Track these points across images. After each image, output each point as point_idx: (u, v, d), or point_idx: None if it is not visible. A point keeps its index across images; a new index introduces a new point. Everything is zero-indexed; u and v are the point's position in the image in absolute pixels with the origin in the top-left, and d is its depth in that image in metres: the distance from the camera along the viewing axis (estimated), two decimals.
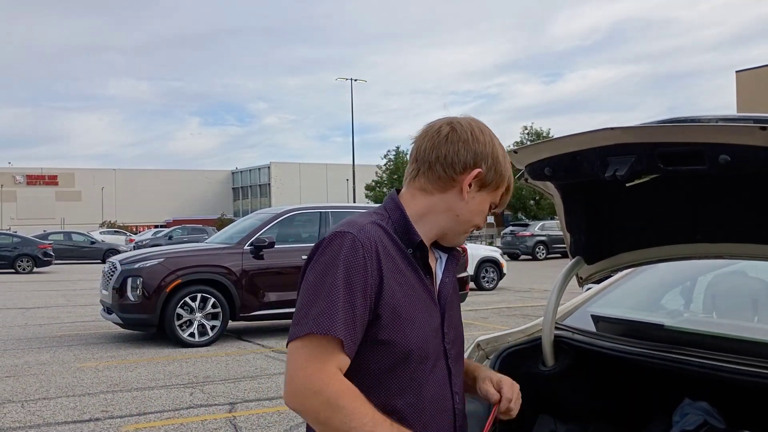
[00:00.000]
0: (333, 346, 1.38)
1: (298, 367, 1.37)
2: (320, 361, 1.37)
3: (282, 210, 10.44)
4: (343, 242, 1.42)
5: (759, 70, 39.14)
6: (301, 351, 1.38)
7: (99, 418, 5.60)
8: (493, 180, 1.55)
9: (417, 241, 1.51)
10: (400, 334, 1.44)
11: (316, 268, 1.43)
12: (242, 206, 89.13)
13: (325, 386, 1.35)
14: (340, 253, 1.41)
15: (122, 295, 8.95)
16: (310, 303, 1.40)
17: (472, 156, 1.52)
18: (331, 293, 1.39)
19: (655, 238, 2.30)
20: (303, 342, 1.38)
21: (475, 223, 1.59)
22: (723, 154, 1.63)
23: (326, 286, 1.39)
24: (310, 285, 1.43)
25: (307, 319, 1.39)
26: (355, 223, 1.48)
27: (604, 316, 2.67)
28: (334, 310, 1.38)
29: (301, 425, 5.31)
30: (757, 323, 2.57)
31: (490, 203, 1.58)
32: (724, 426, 2.31)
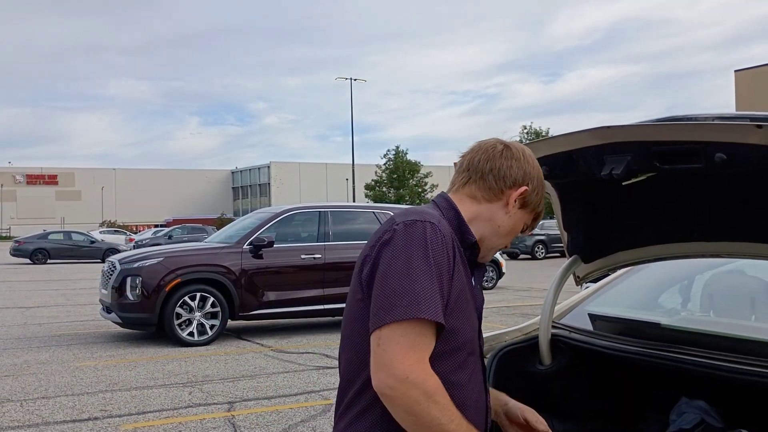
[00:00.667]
0: (430, 332, 1.42)
1: (398, 355, 1.38)
2: (420, 350, 1.40)
3: (281, 209, 10.44)
4: (426, 228, 1.46)
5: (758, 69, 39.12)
6: (401, 338, 1.39)
7: (98, 417, 5.60)
8: (533, 201, 1.66)
9: (471, 242, 1.60)
10: (460, 325, 1.51)
11: (400, 252, 1.44)
12: (242, 206, 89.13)
13: (426, 380, 1.39)
14: (425, 238, 1.45)
15: (121, 294, 8.95)
16: (403, 287, 1.41)
17: (522, 174, 1.63)
18: (423, 277, 1.41)
19: (652, 236, 2.30)
20: (402, 328, 1.39)
21: (507, 240, 1.68)
22: (719, 152, 1.63)
23: (417, 271, 1.42)
24: (398, 269, 1.43)
25: (403, 304, 1.39)
26: (428, 213, 1.53)
27: (601, 314, 2.67)
28: (430, 293, 1.41)
29: (300, 424, 5.31)
30: (755, 322, 2.57)
31: (524, 223, 1.68)
32: (721, 425, 2.31)
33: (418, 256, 1.43)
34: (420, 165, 58.76)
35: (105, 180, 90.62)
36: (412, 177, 57.84)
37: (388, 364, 1.38)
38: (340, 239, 10.11)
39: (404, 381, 1.38)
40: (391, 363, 1.38)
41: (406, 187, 56.78)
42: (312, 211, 10.43)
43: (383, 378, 1.39)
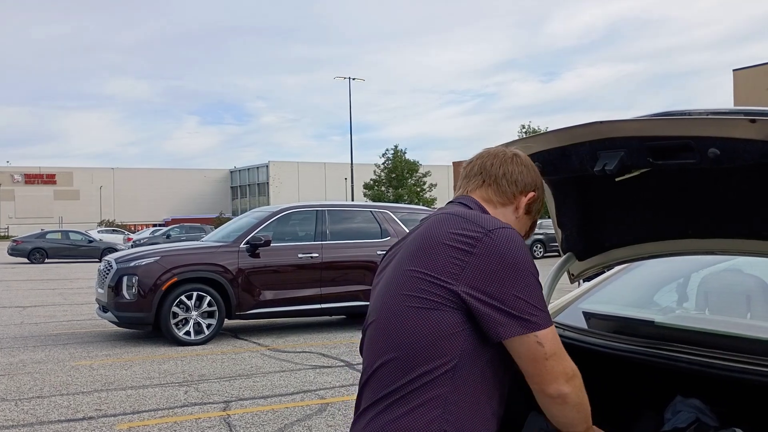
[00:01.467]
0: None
1: (565, 362, 1.54)
2: (563, 350, 1.55)
3: (278, 208, 10.42)
4: (519, 237, 1.59)
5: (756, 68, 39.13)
6: (558, 350, 1.53)
7: (93, 417, 5.57)
8: (536, 208, 1.77)
9: None
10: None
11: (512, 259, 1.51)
12: (241, 205, 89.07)
13: (578, 372, 1.57)
14: (524, 248, 1.56)
15: (118, 293, 8.92)
16: (532, 296, 1.52)
17: (531, 180, 1.75)
18: (539, 285, 1.55)
19: (647, 233, 2.28)
20: (554, 333, 1.54)
21: None
22: (712, 147, 1.61)
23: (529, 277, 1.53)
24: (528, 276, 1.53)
25: (537, 312, 1.52)
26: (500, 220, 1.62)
27: (595, 312, 2.65)
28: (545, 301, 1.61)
29: (295, 424, 5.29)
30: (750, 320, 2.55)
31: (524, 231, 1.78)
32: (716, 424, 2.29)
33: (529, 264, 1.55)
34: (419, 164, 58.75)
35: (103, 179, 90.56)
36: (410, 176, 57.82)
37: (564, 371, 1.54)
38: (337, 238, 10.09)
39: (575, 378, 1.55)
40: (565, 370, 1.54)
41: (404, 187, 56.76)
42: (309, 210, 10.40)
43: (563, 384, 1.54)
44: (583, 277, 2.56)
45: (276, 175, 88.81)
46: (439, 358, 1.49)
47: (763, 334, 2.23)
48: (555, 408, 1.56)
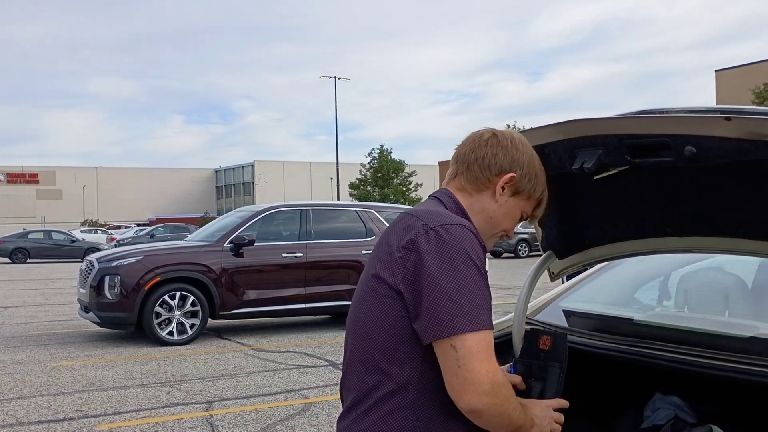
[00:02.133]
0: (491, 336, 1.43)
1: (482, 371, 1.39)
2: (492, 357, 1.41)
3: (262, 208, 10.38)
4: (468, 234, 1.47)
5: (738, 69, 39.54)
6: (478, 353, 1.39)
7: (73, 418, 5.52)
8: (525, 188, 1.63)
9: (482, 245, 1.55)
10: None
11: (451, 259, 1.43)
12: (226, 205, 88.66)
13: (501, 378, 1.42)
14: (469, 243, 1.45)
15: (100, 293, 8.85)
16: (461, 296, 1.40)
17: (509, 161, 1.61)
18: (474, 284, 1.42)
19: (626, 232, 2.28)
20: (475, 337, 1.39)
21: (503, 228, 1.67)
22: (689, 145, 1.62)
23: (474, 278, 1.42)
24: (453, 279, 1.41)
25: (467, 315, 1.40)
26: (451, 216, 1.52)
27: (575, 311, 2.66)
28: (483, 300, 1.43)
29: (278, 423, 5.27)
30: (728, 317, 2.57)
31: (521, 211, 1.67)
32: (694, 420, 2.30)
33: (467, 264, 1.43)
34: (404, 164, 58.75)
35: (86, 179, 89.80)
36: (396, 176, 57.80)
37: (476, 382, 1.39)
38: (322, 238, 10.07)
39: (492, 393, 1.39)
40: (478, 380, 1.39)
41: (390, 186, 56.75)
42: (293, 209, 10.37)
43: (474, 398, 1.39)
44: (563, 276, 2.56)
45: (261, 174, 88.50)
46: (402, 361, 1.47)
47: (740, 331, 2.24)
48: (472, 418, 1.44)
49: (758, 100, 31.58)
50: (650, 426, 2.34)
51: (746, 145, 1.57)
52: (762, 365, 1.87)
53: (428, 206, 1.62)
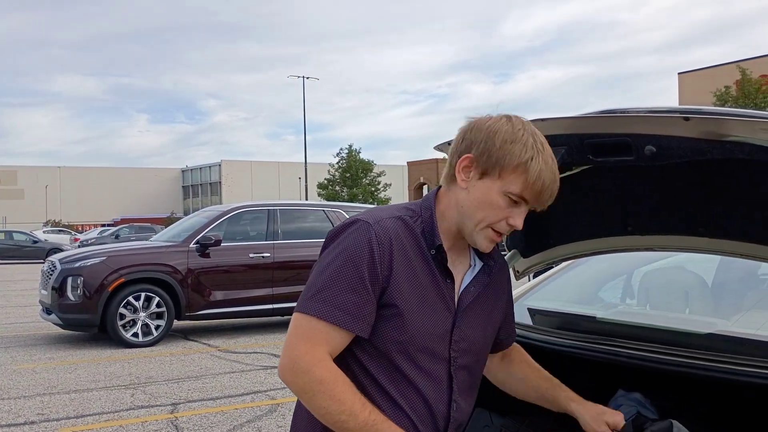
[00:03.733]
0: (329, 331, 1.44)
1: (292, 343, 1.45)
2: (312, 342, 1.43)
3: (229, 208, 10.29)
4: (359, 230, 1.47)
5: (701, 72, 40.32)
6: (297, 329, 1.46)
7: (34, 422, 5.41)
8: (488, 165, 1.46)
9: (437, 244, 1.53)
10: (396, 329, 1.48)
11: (331, 251, 1.49)
12: (193, 205, 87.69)
13: (312, 368, 1.42)
14: (354, 239, 1.46)
15: (62, 294, 8.68)
16: (319, 284, 1.46)
17: (466, 144, 1.51)
18: (335, 277, 1.44)
19: (589, 230, 2.31)
20: (300, 319, 1.46)
21: (480, 217, 1.49)
22: (649, 144, 1.64)
23: (332, 269, 1.46)
24: (322, 266, 1.48)
25: (312, 299, 1.45)
26: (377, 214, 1.52)
27: (539, 309, 2.68)
28: (334, 294, 1.43)
29: (245, 425, 5.23)
30: (689, 314, 2.61)
31: (505, 194, 1.47)
32: (656, 416, 2.34)
33: (337, 256, 1.47)
34: (373, 164, 58.74)
35: (49, 178, 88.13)
36: (365, 176, 57.76)
37: (285, 350, 1.46)
38: (289, 238, 10.01)
39: (294, 368, 1.44)
40: (286, 350, 1.46)
41: (359, 186, 56.69)
42: (261, 209, 10.29)
43: (281, 364, 1.47)
44: (528, 274, 2.58)
45: (229, 174, 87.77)
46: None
47: (699, 328, 2.29)
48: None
49: (719, 102, 32.22)
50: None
51: (704, 145, 1.59)
52: (719, 361, 1.90)
53: (397, 204, 1.65)
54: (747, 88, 32.22)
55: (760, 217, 1.86)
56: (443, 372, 1.55)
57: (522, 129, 1.48)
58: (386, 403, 1.50)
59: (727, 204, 1.92)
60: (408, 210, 1.56)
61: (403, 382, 1.50)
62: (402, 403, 1.50)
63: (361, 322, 1.45)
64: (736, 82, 33.00)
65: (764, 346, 2.10)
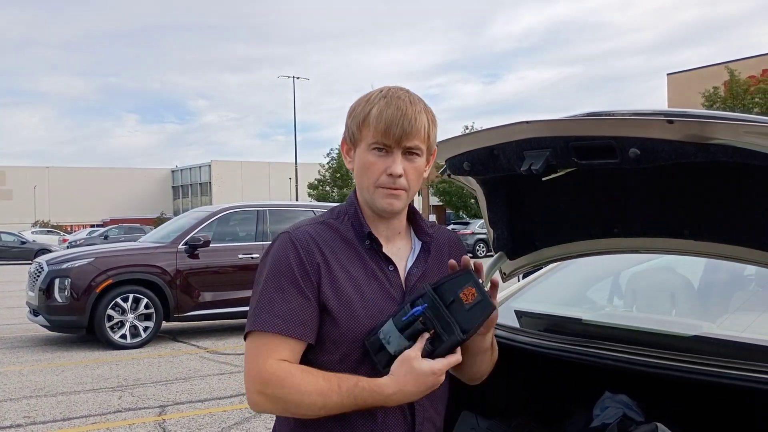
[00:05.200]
0: (274, 341, 1.46)
1: (247, 369, 1.48)
2: (263, 356, 1.46)
3: (218, 208, 10.25)
4: (281, 241, 1.54)
5: (689, 72, 40.51)
6: (249, 352, 1.49)
7: (21, 425, 5.37)
8: (352, 135, 1.58)
9: (366, 232, 1.58)
10: (342, 324, 1.49)
11: (261, 269, 1.55)
12: (182, 205, 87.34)
13: (269, 376, 1.44)
14: (277, 251, 1.52)
15: (49, 296, 8.62)
16: (255, 301, 1.51)
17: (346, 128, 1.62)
18: (266, 290, 1.49)
19: (575, 232, 2.30)
20: (251, 340, 1.49)
21: (366, 182, 1.55)
22: (633, 147, 1.64)
23: (263, 283, 1.51)
24: (256, 285, 1.54)
25: (250, 317, 1.50)
26: (299, 224, 1.58)
27: (526, 311, 2.68)
28: (269, 305, 1.47)
29: (233, 427, 5.21)
30: (675, 317, 2.62)
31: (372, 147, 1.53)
32: (642, 419, 2.34)
33: (264, 271, 1.53)
34: None
35: (37, 179, 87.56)
36: None
37: (245, 380, 1.49)
38: None
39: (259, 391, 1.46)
40: (245, 378, 1.49)
41: (349, 187, 56.64)
42: (250, 210, 10.26)
43: (247, 395, 1.50)
44: (515, 276, 2.58)
45: (219, 174, 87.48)
46: None
47: (684, 330, 2.29)
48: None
49: (708, 103, 32.38)
50: (599, 425, 2.37)
51: (689, 148, 1.59)
52: (703, 364, 1.90)
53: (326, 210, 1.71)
54: (735, 89, 32.38)
55: (744, 219, 1.86)
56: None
57: (370, 92, 1.60)
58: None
59: (711, 207, 1.92)
60: (332, 213, 1.63)
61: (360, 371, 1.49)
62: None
63: (303, 326, 1.48)
64: (724, 83, 33.17)
65: (748, 348, 2.11)
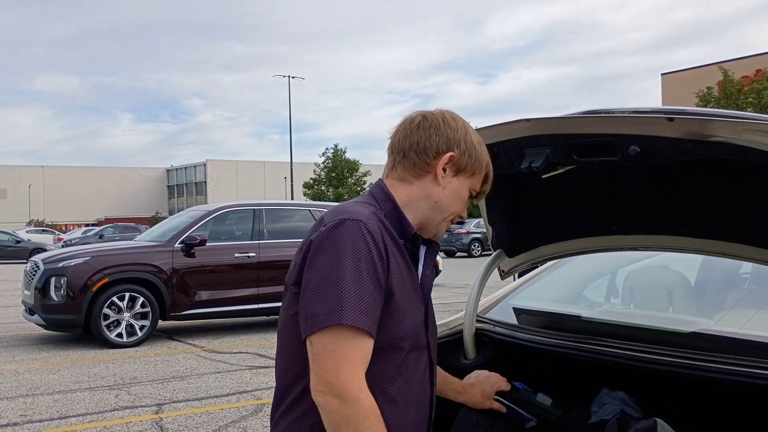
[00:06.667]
0: (359, 340, 1.37)
1: (333, 370, 1.35)
2: (352, 363, 1.36)
3: (214, 207, 10.25)
4: (356, 229, 1.40)
5: (683, 72, 40.65)
6: (332, 352, 1.35)
7: (17, 423, 5.36)
8: (468, 165, 1.56)
9: (411, 233, 1.54)
10: (396, 324, 1.46)
11: (326, 256, 1.39)
12: (178, 204, 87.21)
13: (359, 398, 1.35)
14: (353, 240, 1.39)
15: (45, 295, 8.60)
16: (328, 294, 1.37)
17: (444, 141, 1.54)
18: (349, 283, 1.36)
19: (574, 230, 2.32)
20: (329, 337, 1.36)
21: (453, 210, 1.59)
22: (633, 144, 1.65)
23: (342, 275, 1.36)
24: (323, 275, 1.38)
25: (326, 311, 1.35)
26: (358, 211, 1.46)
27: (525, 308, 2.69)
28: (355, 299, 1.36)
29: (230, 425, 5.21)
30: (672, 313, 2.63)
31: (469, 190, 1.59)
32: (639, 415, 2.35)
33: (343, 260, 1.38)
34: (359, 164, 58.70)
35: (32, 178, 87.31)
36: (350, 176, 57.71)
37: (324, 378, 1.36)
38: (275, 237, 9.98)
39: (338, 396, 1.35)
40: (327, 377, 1.35)
41: (345, 186, 56.63)
42: (246, 209, 10.26)
43: (320, 391, 1.36)
44: (513, 274, 2.59)
45: (214, 173, 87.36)
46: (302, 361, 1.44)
47: (682, 327, 2.30)
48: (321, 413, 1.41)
49: (702, 103, 32.47)
50: (597, 421, 2.38)
51: (688, 145, 1.61)
52: (701, 360, 1.92)
53: (356, 200, 1.59)
54: (729, 89, 32.50)
55: (742, 216, 1.88)
56: (426, 359, 1.59)
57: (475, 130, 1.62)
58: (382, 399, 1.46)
59: (710, 204, 1.94)
60: (370, 205, 1.54)
61: (404, 378, 1.51)
62: (398, 397, 1.50)
63: (377, 324, 1.41)
64: (718, 83, 33.28)
65: (746, 344, 2.12)
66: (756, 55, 36.76)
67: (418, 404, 1.56)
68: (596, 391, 2.46)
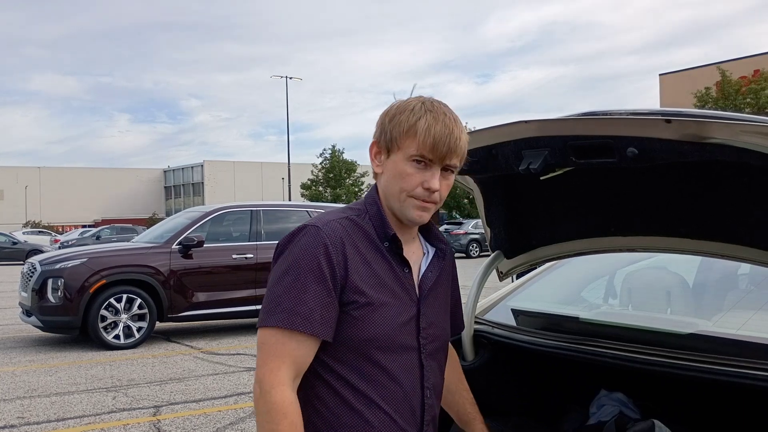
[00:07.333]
0: (294, 341, 1.45)
1: (259, 363, 1.47)
2: (278, 359, 1.44)
3: (211, 208, 10.23)
4: (308, 235, 1.49)
5: (681, 73, 40.69)
6: (264, 345, 1.47)
7: (15, 425, 5.35)
8: (391, 139, 1.54)
9: (390, 234, 1.56)
10: (362, 324, 1.49)
11: (284, 260, 1.50)
12: (175, 205, 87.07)
13: (271, 390, 1.43)
14: (305, 245, 1.48)
15: (42, 296, 8.58)
16: (276, 294, 1.48)
17: (376, 132, 1.59)
18: (296, 286, 1.45)
19: (572, 231, 2.32)
20: (267, 333, 1.47)
21: (401, 188, 1.53)
22: (631, 146, 1.65)
23: (286, 278, 1.47)
24: (277, 276, 1.50)
25: (272, 311, 1.46)
26: (324, 218, 1.54)
27: (523, 310, 2.69)
28: (298, 302, 1.45)
29: (228, 427, 5.21)
30: (670, 315, 2.63)
31: (410, 159, 1.51)
32: (638, 416, 2.36)
33: (290, 265, 1.48)
34: (356, 164, 58.69)
35: (29, 179, 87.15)
36: (348, 176, 57.69)
37: (256, 369, 1.48)
38: (272, 238, 9.96)
39: (259, 387, 1.45)
40: (257, 369, 1.48)
41: (342, 187, 56.61)
42: (243, 210, 10.25)
43: (256, 388, 1.47)
44: (511, 275, 2.59)
45: (211, 174, 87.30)
46: None
47: (681, 328, 2.31)
48: None
49: (700, 104, 32.51)
50: (596, 422, 2.39)
51: (686, 147, 1.61)
52: (699, 361, 1.92)
53: (346, 205, 1.67)
54: (727, 89, 32.54)
55: (740, 218, 1.88)
56: (414, 361, 1.58)
57: (410, 100, 1.57)
58: (362, 403, 1.50)
59: (708, 205, 1.94)
60: (353, 210, 1.60)
61: (377, 379, 1.51)
62: (378, 400, 1.51)
63: (324, 325, 1.46)
64: (716, 84, 33.32)
65: (744, 345, 2.12)
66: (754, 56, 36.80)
67: (399, 407, 1.54)
68: (594, 392, 2.46)
